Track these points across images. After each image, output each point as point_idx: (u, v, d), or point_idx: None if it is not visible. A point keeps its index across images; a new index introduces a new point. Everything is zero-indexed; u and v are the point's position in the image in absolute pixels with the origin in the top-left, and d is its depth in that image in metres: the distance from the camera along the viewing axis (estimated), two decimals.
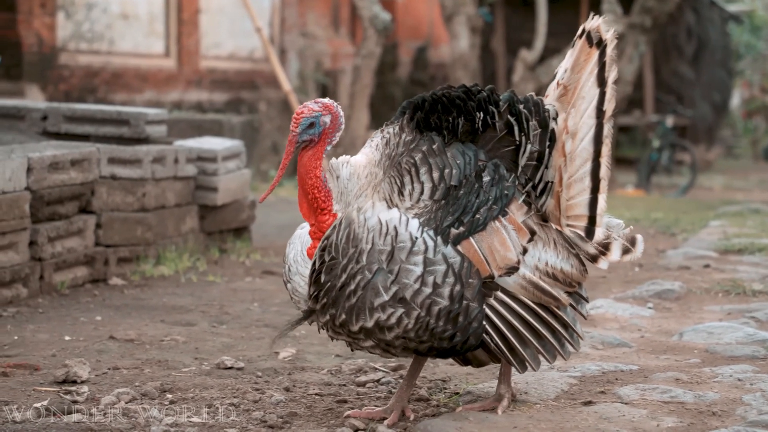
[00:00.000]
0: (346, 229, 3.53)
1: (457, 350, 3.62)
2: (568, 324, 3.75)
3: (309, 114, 3.61)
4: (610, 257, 3.81)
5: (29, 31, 13.68)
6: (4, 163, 5.65)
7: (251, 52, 17.79)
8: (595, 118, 3.76)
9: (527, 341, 3.67)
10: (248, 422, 3.77)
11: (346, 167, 3.63)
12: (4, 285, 5.66)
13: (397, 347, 3.59)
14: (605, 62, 3.77)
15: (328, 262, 3.52)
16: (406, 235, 3.50)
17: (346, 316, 3.52)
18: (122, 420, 3.75)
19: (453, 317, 3.53)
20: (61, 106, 7.54)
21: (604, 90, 3.77)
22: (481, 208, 3.59)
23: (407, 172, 3.59)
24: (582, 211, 3.77)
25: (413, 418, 3.79)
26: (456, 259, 3.52)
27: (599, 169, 3.76)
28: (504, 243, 3.61)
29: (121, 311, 5.68)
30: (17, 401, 3.93)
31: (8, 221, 5.66)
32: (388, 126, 3.73)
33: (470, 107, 3.66)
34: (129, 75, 15.39)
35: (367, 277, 3.48)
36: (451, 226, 3.55)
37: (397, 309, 3.49)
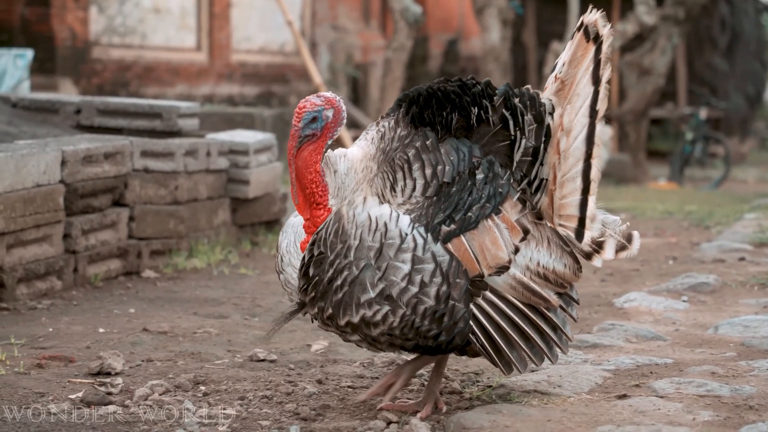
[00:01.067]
0: (335, 224, 3.51)
1: (442, 349, 3.59)
2: (557, 326, 3.69)
3: (312, 108, 3.57)
4: (604, 255, 3.75)
5: (62, 25, 13.76)
6: (39, 156, 5.68)
7: (282, 45, 17.81)
8: (589, 117, 3.69)
9: (514, 343, 3.62)
10: (281, 414, 3.78)
11: (343, 161, 3.59)
12: (39, 277, 5.70)
13: (382, 343, 3.58)
14: (600, 60, 3.69)
15: (317, 257, 3.50)
16: (395, 232, 3.47)
17: (333, 310, 3.51)
18: (156, 412, 3.76)
19: (438, 317, 3.50)
20: (94, 100, 7.59)
21: (597, 89, 3.69)
22: (474, 206, 3.55)
23: (400, 168, 3.56)
24: (573, 212, 3.71)
25: (446, 411, 3.78)
26: (444, 258, 3.49)
27: (590, 170, 3.70)
28: (495, 242, 3.56)
29: (154, 304, 5.71)
30: (53, 393, 3.95)
31: (43, 214, 5.69)
32: (383, 119, 3.68)
33: (465, 102, 3.61)
34: (161, 69, 15.45)
35: (354, 273, 3.47)
36: (441, 223, 3.51)
37: (383, 306, 3.47)
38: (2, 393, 3.91)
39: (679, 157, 17.63)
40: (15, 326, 5.01)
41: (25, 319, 5.20)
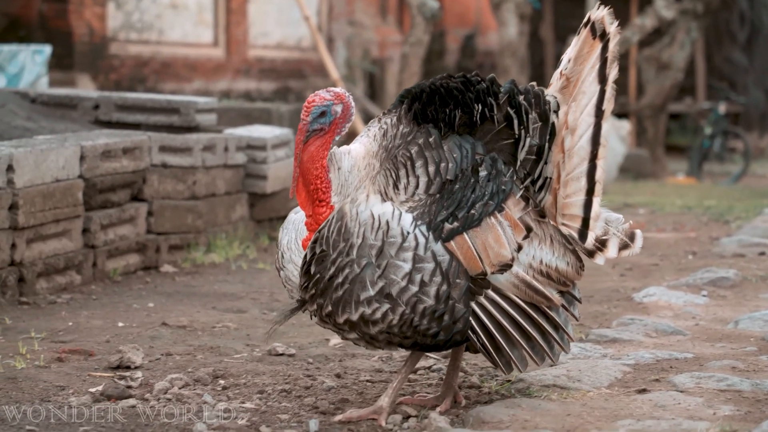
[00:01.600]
0: (338, 222, 3.47)
1: (441, 347, 3.57)
2: (559, 325, 3.65)
3: (320, 103, 3.53)
4: (607, 254, 3.70)
5: (80, 21, 13.80)
6: (58, 151, 5.70)
7: (299, 41, 17.82)
8: (594, 116, 3.64)
9: (515, 342, 3.58)
10: (300, 408, 3.78)
11: (347, 158, 3.55)
12: (59, 272, 5.72)
13: (380, 341, 3.55)
14: (607, 58, 3.64)
15: (318, 254, 3.47)
16: (397, 230, 3.44)
17: (332, 307, 3.49)
18: (176, 405, 3.77)
19: (438, 317, 3.47)
20: (112, 95, 7.61)
21: (604, 88, 3.64)
22: (477, 203, 3.52)
23: (403, 166, 3.52)
24: (577, 212, 3.67)
25: (465, 404, 3.78)
26: (445, 258, 3.46)
27: (595, 170, 3.65)
28: (498, 239, 3.53)
29: (172, 298, 5.72)
30: (73, 386, 3.97)
31: (62, 209, 5.71)
32: (386, 115, 3.64)
33: (468, 99, 3.57)
34: (178, 64, 15.48)
35: (356, 271, 3.44)
36: (444, 221, 3.48)
37: (383, 304, 3.45)
38: (23, 386, 3.93)
39: (697, 152, 17.55)
40: (35, 320, 5.03)
41: (45, 313, 5.22)
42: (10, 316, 5.04)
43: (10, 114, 6.95)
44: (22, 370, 4.15)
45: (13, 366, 4.19)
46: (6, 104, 7.09)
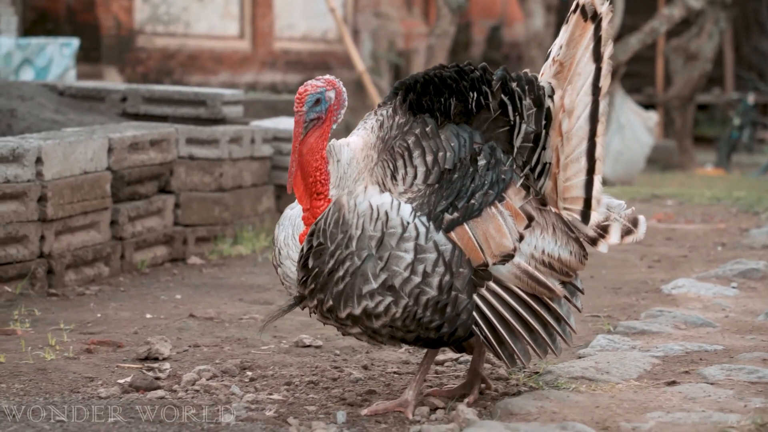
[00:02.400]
0: (335, 214, 3.42)
1: (444, 341, 3.52)
2: (561, 317, 3.61)
3: (314, 90, 3.48)
4: (609, 240, 3.66)
5: (107, 14, 13.86)
6: (86, 143, 5.72)
7: (324, 33, 17.82)
8: (591, 95, 3.62)
9: (518, 335, 3.54)
10: (327, 400, 3.78)
11: (347, 151, 3.50)
12: (87, 264, 5.75)
13: (383, 335, 3.50)
14: (601, 36, 3.63)
15: (316, 247, 3.42)
16: (397, 221, 3.40)
17: (333, 302, 3.43)
18: (204, 396, 3.78)
19: (441, 308, 3.42)
20: (140, 88, 7.64)
21: (599, 66, 3.63)
22: (476, 192, 3.48)
23: (400, 156, 3.48)
24: (578, 193, 3.64)
25: (493, 393, 3.77)
26: (447, 247, 3.42)
27: (595, 149, 3.63)
28: (500, 230, 3.49)
29: (200, 290, 5.73)
30: (102, 377, 3.99)
31: (90, 201, 5.74)
32: (381, 107, 3.61)
33: (463, 87, 3.54)
34: (204, 57, 15.53)
35: (356, 263, 3.39)
36: (444, 211, 3.44)
37: (386, 297, 3.40)
38: (53, 377, 3.95)
39: (726, 143, 17.43)
40: (64, 312, 5.06)
41: (73, 304, 5.25)
42: (39, 308, 5.07)
43: (39, 107, 6.99)
44: (51, 361, 4.17)
45: (43, 357, 4.21)
46: (35, 97, 7.13)
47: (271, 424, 3.46)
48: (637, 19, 16.50)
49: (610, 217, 3.68)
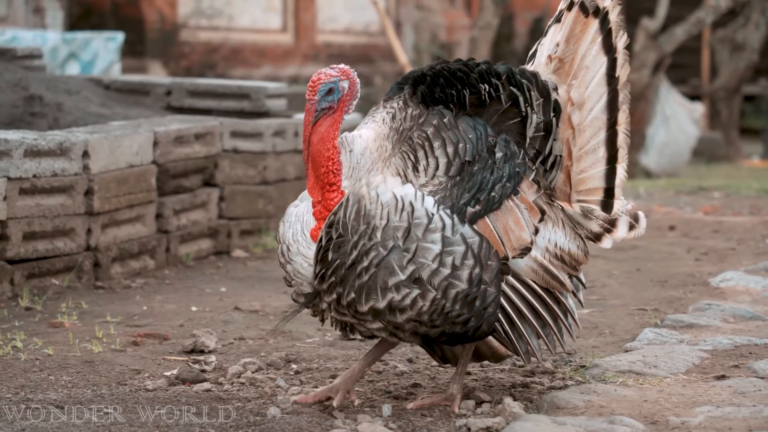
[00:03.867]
0: (354, 205, 3.35)
1: (468, 336, 3.46)
2: (569, 311, 3.59)
3: (327, 79, 3.43)
4: (616, 234, 3.63)
5: (152, 8, 13.94)
6: (132, 137, 5.76)
7: (367, 25, 17.80)
8: (606, 85, 3.61)
9: (534, 329, 3.51)
10: (372, 393, 3.77)
11: (360, 141, 3.44)
12: (133, 257, 5.79)
13: (406, 331, 3.41)
14: (611, 29, 3.61)
15: (336, 240, 3.33)
16: (422, 211, 3.34)
17: (355, 294, 3.34)
18: (249, 389, 3.79)
19: (470, 301, 3.37)
20: (184, 81, 7.67)
21: (614, 56, 3.61)
22: (496, 185, 3.44)
23: (420, 147, 3.43)
24: (597, 184, 3.61)
25: (538, 390, 3.74)
26: (475, 240, 3.37)
27: (616, 137, 3.61)
28: (518, 222, 3.46)
29: (244, 283, 5.75)
30: (148, 370, 4.01)
31: (136, 194, 5.77)
32: (388, 101, 3.55)
33: (474, 80, 3.52)
34: (247, 50, 15.57)
35: (382, 254, 3.31)
36: (467, 205, 3.40)
37: (413, 290, 3.32)
38: (100, 369, 3.98)
39: None
40: (111, 304, 5.10)
41: (120, 297, 5.29)
42: (86, 301, 5.11)
43: (85, 101, 7.04)
44: (98, 353, 4.20)
45: (90, 350, 4.24)
46: (81, 91, 7.19)
47: (317, 417, 3.46)
48: (683, 9, 16.31)
49: (617, 212, 3.65)
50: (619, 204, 3.64)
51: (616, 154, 3.62)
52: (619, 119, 3.63)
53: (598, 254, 6.35)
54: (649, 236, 6.91)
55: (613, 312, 4.99)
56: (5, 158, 5.06)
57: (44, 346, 4.26)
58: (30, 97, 6.77)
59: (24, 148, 5.12)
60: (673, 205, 8.70)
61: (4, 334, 4.44)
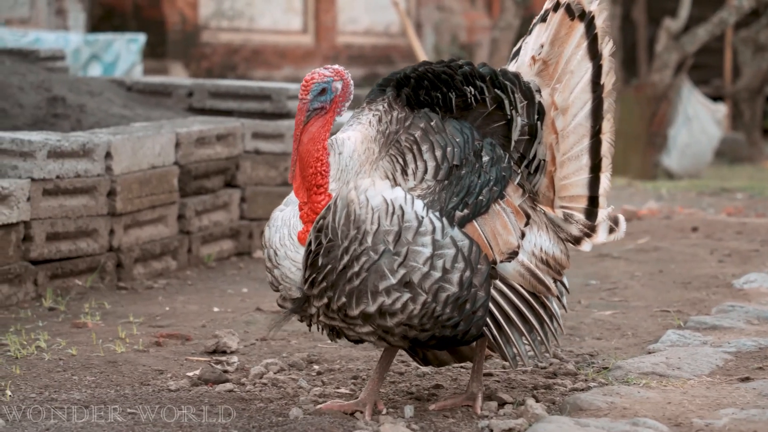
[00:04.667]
0: (343, 209, 3.31)
1: (458, 340, 3.43)
2: (554, 315, 3.56)
3: (320, 79, 3.39)
4: (596, 239, 3.60)
5: (173, 9, 13.99)
6: (154, 138, 5.78)
7: (387, 26, 17.81)
8: (591, 92, 3.57)
9: (522, 334, 3.49)
10: (395, 394, 3.77)
11: (349, 143, 3.39)
12: (155, 257, 5.81)
13: (396, 335, 3.38)
14: (596, 34, 3.57)
15: (326, 244, 3.30)
16: (412, 214, 3.31)
17: (345, 299, 3.30)
18: (272, 390, 3.80)
19: (460, 305, 3.34)
20: (206, 83, 7.69)
21: (599, 63, 3.57)
22: (484, 189, 3.41)
23: (409, 150, 3.38)
24: (580, 192, 3.58)
25: (561, 392, 3.73)
26: (465, 243, 3.35)
27: (600, 146, 3.57)
28: (506, 226, 3.44)
29: (265, 284, 5.72)
30: (171, 370, 4.02)
31: (158, 195, 5.79)
32: (371, 103, 3.50)
33: (458, 82, 3.48)
34: (268, 52, 15.61)
35: (373, 258, 3.28)
36: (456, 209, 3.37)
37: (404, 294, 3.29)
38: (123, 370, 4.00)
39: None
40: (133, 305, 5.12)
41: (142, 298, 5.31)
42: (109, 301, 5.14)
43: (107, 102, 7.07)
44: (121, 354, 4.22)
45: (113, 350, 4.26)
46: (103, 92, 7.22)
47: (339, 418, 3.46)
48: (705, 10, 16.24)
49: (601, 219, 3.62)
50: (604, 213, 3.60)
51: (599, 163, 3.58)
52: (603, 128, 3.58)
53: (620, 255, 6.34)
54: (672, 237, 6.88)
55: (636, 313, 4.97)
56: (29, 159, 5.09)
57: (68, 347, 4.28)
58: (53, 98, 6.81)
59: (47, 150, 5.15)
60: (695, 207, 8.66)
61: (28, 334, 4.46)
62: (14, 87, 6.88)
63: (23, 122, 6.55)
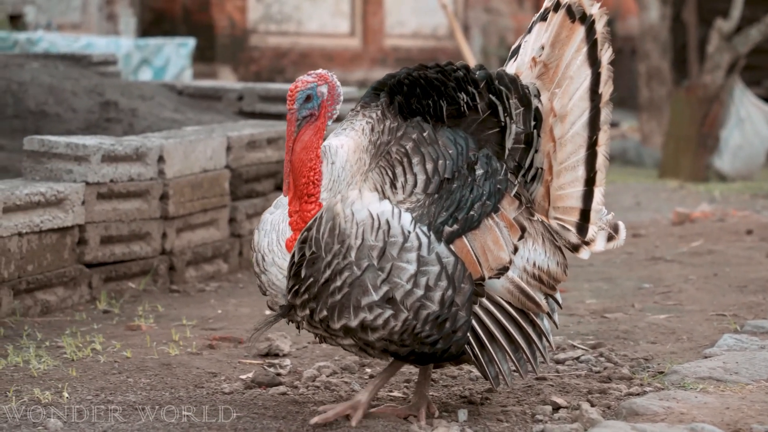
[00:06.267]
0: (328, 222, 3.26)
1: (437, 357, 3.37)
2: (543, 333, 3.47)
3: (303, 86, 3.33)
4: (594, 247, 3.52)
5: (222, 14, 14.09)
6: (206, 142, 5.81)
7: (434, 29, 17.79)
8: (589, 101, 3.48)
9: (506, 353, 3.41)
10: (448, 397, 3.76)
11: (342, 152, 3.34)
12: (207, 260, 5.84)
13: (376, 348, 3.35)
14: (596, 40, 3.47)
15: (309, 257, 3.26)
16: (398, 229, 3.24)
17: (327, 312, 3.27)
18: (325, 393, 3.80)
19: (440, 323, 3.28)
20: (256, 86, 7.73)
21: (598, 71, 3.48)
22: (475, 203, 3.34)
23: (399, 163, 3.32)
24: (573, 204, 3.50)
25: (616, 396, 3.69)
26: (450, 260, 3.28)
27: (595, 158, 3.49)
28: (497, 242, 3.36)
29: None
30: (224, 373, 4.04)
31: (210, 199, 5.83)
32: (365, 108, 3.43)
33: (451, 88, 3.39)
34: (315, 55, 15.66)
35: (356, 273, 3.23)
36: (444, 224, 3.30)
37: (386, 310, 3.24)
38: (177, 372, 4.02)
39: None
40: (186, 308, 5.15)
41: (194, 301, 5.33)
42: (162, 304, 5.17)
43: (159, 106, 7.13)
44: (175, 356, 4.25)
45: (167, 353, 4.29)
46: (154, 97, 7.28)
47: (393, 422, 3.45)
48: (757, 10, 16.05)
49: (599, 225, 3.55)
50: (594, 230, 3.52)
51: (594, 177, 3.51)
52: (599, 140, 3.50)
53: (673, 259, 6.27)
54: (726, 240, 6.79)
55: (691, 317, 4.91)
56: (84, 163, 5.14)
57: (122, 349, 4.32)
58: (106, 102, 6.88)
59: (102, 154, 5.20)
60: (749, 209, 8.54)
61: (83, 337, 4.50)
62: (68, 91, 6.96)
63: (76, 126, 6.62)
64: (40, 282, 4.91)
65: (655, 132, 16.10)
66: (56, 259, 4.99)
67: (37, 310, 4.88)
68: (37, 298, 4.90)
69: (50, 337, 4.51)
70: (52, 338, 4.49)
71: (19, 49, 10.70)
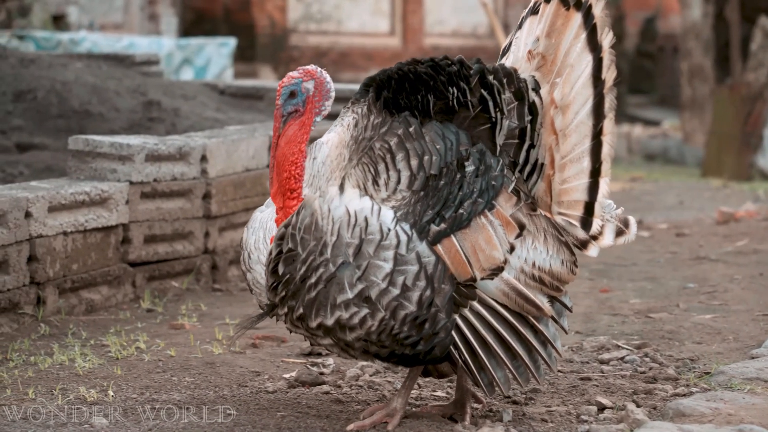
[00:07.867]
0: (306, 218, 3.21)
1: (420, 359, 3.29)
2: (547, 340, 3.34)
3: (288, 82, 3.29)
4: (602, 241, 3.38)
5: (262, 13, 14.14)
6: (248, 141, 5.83)
7: (474, 28, 17.75)
8: (592, 87, 3.35)
9: (500, 361, 3.28)
10: (492, 397, 3.73)
11: (324, 148, 3.29)
12: None
13: (356, 349, 3.28)
14: (595, 24, 3.36)
15: (286, 253, 3.21)
16: (376, 226, 3.17)
17: (304, 310, 3.23)
18: (368, 392, 3.79)
19: (419, 324, 3.20)
20: None
21: (599, 56, 3.36)
22: (465, 201, 3.23)
23: (382, 159, 3.24)
24: (578, 197, 3.37)
25: (662, 397, 3.66)
26: (430, 260, 3.19)
27: (601, 148, 3.35)
28: (490, 241, 3.24)
29: None
30: (268, 372, 4.05)
31: (251, 198, 5.84)
32: (355, 103, 3.36)
33: (441, 83, 3.30)
34: (355, 54, 15.68)
35: (331, 270, 3.18)
36: (431, 222, 3.21)
37: (362, 309, 3.18)
38: (221, 371, 4.03)
39: None
40: (229, 307, 5.16)
41: (237, 299, 5.35)
42: (205, 303, 5.19)
43: (201, 105, 7.17)
44: (219, 355, 4.26)
45: (211, 351, 4.30)
46: (196, 96, 7.32)
47: (437, 422, 3.44)
48: None
49: (603, 218, 3.42)
50: (599, 223, 3.40)
51: (600, 167, 3.38)
52: (605, 128, 3.38)
53: (718, 258, 6.21)
54: None
55: (737, 317, 4.86)
56: (128, 163, 5.17)
57: (166, 348, 4.34)
58: (148, 102, 6.92)
59: (145, 153, 5.23)
60: None
61: (128, 335, 4.53)
62: (111, 91, 7.02)
63: (120, 126, 6.67)
64: (85, 281, 4.95)
65: (698, 130, 15.97)
66: (100, 258, 5.02)
67: (82, 308, 4.92)
68: (81, 297, 4.93)
69: (95, 335, 4.55)
70: (97, 337, 4.52)
71: (62, 49, 10.81)
